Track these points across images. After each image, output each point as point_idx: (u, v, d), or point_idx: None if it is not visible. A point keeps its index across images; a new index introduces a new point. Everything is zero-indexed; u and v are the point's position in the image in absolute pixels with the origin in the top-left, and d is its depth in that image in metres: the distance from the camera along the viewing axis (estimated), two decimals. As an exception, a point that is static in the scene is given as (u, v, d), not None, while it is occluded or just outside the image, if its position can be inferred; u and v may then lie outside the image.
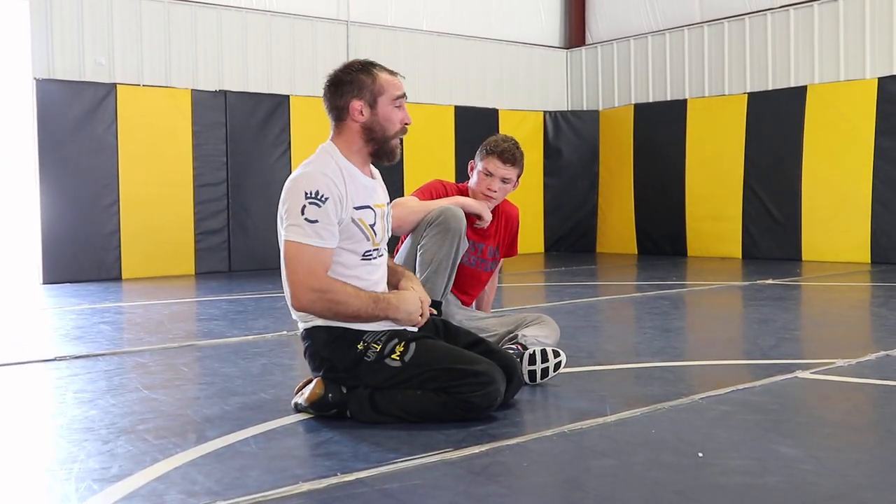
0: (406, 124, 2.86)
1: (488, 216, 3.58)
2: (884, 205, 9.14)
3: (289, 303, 2.74)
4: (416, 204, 3.44)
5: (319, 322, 2.77)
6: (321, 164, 2.75)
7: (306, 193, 2.65)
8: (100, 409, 3.05)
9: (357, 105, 2.78)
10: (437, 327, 2.98)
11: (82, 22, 8.66)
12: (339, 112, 2.82)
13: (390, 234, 2.99)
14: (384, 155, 2.85)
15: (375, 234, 2.82)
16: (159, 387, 3.42)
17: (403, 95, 2.84)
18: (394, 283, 2.96)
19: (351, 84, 2.79)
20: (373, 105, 2.79)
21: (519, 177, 3.68)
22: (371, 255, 2.83)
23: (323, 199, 2.65)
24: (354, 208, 2.75)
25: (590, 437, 2.57)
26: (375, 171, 2.96)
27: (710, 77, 10.87)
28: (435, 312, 2.97)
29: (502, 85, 11.95)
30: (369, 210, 2.80)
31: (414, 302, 2.80)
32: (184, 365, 3.94)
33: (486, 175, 3.61)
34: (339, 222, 2.71)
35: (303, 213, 2.64)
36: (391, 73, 2.86)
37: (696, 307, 6.17)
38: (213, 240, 9.30)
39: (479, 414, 2.71)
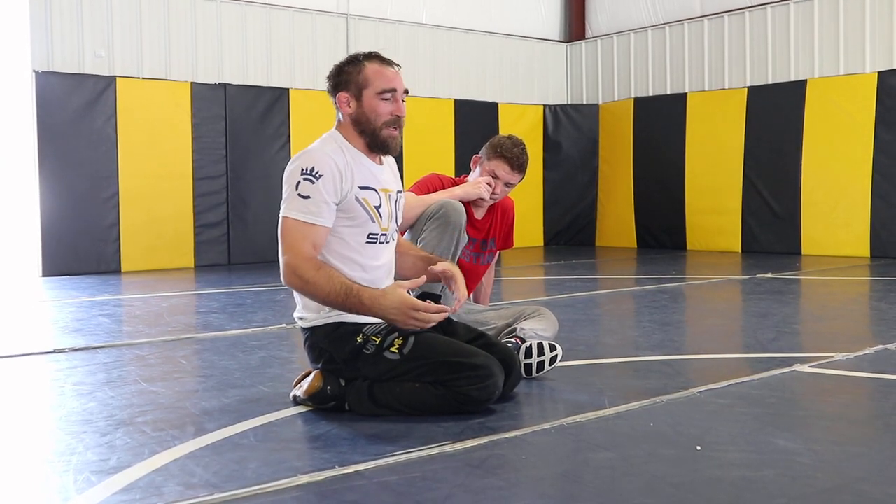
0: (398, 116, 2.81)
1: (486, 194, 3.57)
2: (883, 199, 9.13)
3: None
4: (415, 199, 3.44)
5: (318, 323, 2.78)
6: (322, 143, 2.81)
7: (303, 170, 2.70)
8: (98, 401, 3.06)
9: (343, 97, 2.83)
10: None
11: (82, 14, 8.64)
12: (335, 104, 2.87)
13: (401, 222, 3.00)
14: (377, 146, 2.84)
15: (381, 217, 2.83)
16: (158, 379, 3.42)
17: (392, 89, 2.79)
18: (425, 272, 2.88)
19: (339, 76, 2.84)
20: (358, 97, 2.81)
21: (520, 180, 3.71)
22: (377, 237, 2.83)
23: (317, 175, 2.68)
24: (359, 187, 2.77)
25: (588, 431, 2.58)
26: (387, 158, 2.97)
27: (710, 71, 10.85)
28: (448, 309, 2.69)
29: (502, 78, 11.93)
30: (374, 192, 2.82)
31: (395, 307, 2.57)
32: (182, 357, 3.94)
33: (492, 177, 3.62)
34: (341, 200, 2.73)
35: (297, 189, 2.69)
36: (387, 63, 2.83)
37: (695, 301, 6.18)
38: (212, 233, 9.30)
39: (477, 407, 2.71)
